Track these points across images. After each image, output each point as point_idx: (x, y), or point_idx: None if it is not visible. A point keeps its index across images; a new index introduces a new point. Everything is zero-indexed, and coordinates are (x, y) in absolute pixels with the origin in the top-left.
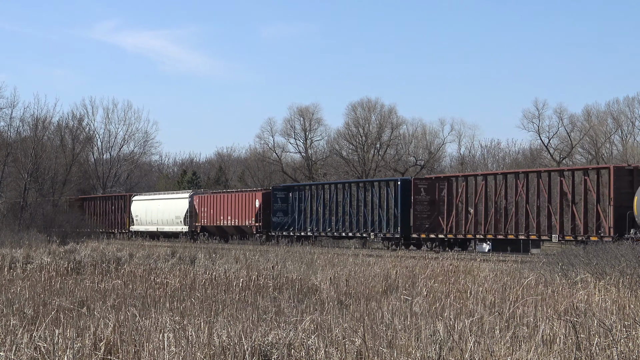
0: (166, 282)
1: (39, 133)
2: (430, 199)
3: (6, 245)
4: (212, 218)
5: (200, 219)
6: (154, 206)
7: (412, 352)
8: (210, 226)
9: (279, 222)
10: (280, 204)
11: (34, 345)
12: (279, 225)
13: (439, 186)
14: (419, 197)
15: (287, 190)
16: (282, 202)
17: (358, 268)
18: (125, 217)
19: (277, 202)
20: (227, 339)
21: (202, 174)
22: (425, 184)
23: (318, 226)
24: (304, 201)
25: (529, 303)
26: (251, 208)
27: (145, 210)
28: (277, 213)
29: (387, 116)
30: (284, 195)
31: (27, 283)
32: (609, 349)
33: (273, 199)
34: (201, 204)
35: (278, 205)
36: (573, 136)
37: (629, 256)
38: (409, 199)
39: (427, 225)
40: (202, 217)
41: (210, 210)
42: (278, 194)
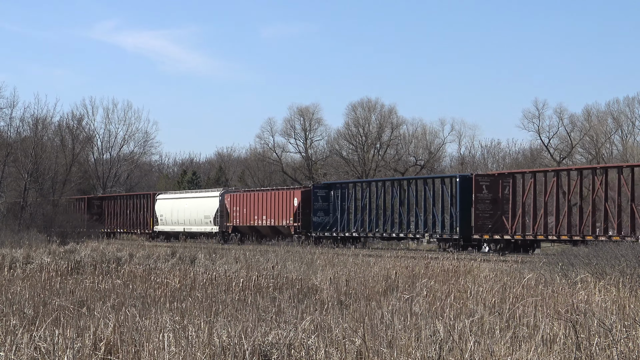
0: (166, 282)
1: (39, 133)
2: (492, 197)
3: (6, 245)
4: (245, 218)
5: (231, 218)
6: (181, 205)
7: (412, 352)
8: (243, 226)
9: (320, 222)
10: (321, 203)
11: (34, 345)
12: (320, 225)
13: (502, 183)
14: (480, 195)
15: (329, 188)
16: (323, 200)
17: (358, 268)
18: (148, 217)
19: (318, 200)
20: (227, 339)
21: (202, 174)
22: (488, 180)
23: (364, 226)
24: (347, 199)
25: (529, 303)
26: (289, 207)
27: (170, 209)
28: (318, 212)
29: (387, 116)
30: (325, 194)
31: (27, 283)
32: (609, 349)
33: (313, 198)
34: (233, 203)
35: (319, 204)
36: (573, 136)
37: (629, 256)
38: (468, 197)
39: (490, 225)
40: (234, 217)
41: (243, 210)
42: (319, 192)
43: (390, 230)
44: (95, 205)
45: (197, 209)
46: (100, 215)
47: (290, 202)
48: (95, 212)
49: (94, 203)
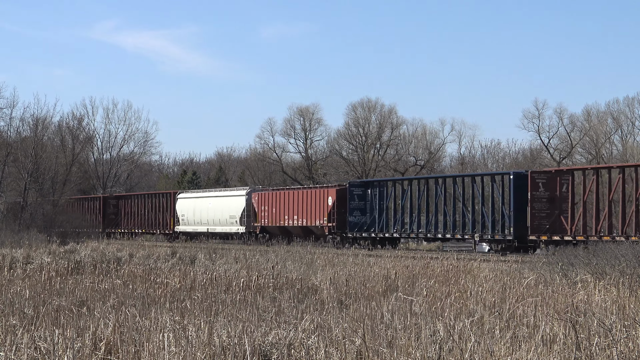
0: (166, 282)
1: (39, 133)
2: (549, 196)
3: (6, 245)
4: (275, 217)
5: (259, 218)
6: (204, 205)
7: (412, 352)
8: (272, 226)
9: (357, 222)
10: (358, 202)
11: (34, 345)
12: (357, 225)
13: (560, 180)
14: (537, 193)
15: (366, 186)
16: (359, 199)
17: (358, 268)
18: (167, 216)
19: (354, 199)
20: (227, 339)
21: (202, 174)
22: (544, 178)
23: (404, 227)
24: (385, 198)
25: (529, 303)
26: (323, 206)
27: (193, 209)
28: (354, 212)
29: (387, 116)
30: (362, 192)
31: (27, 283)
32: (609, 349)
33: (349, 196)
34: (261, 202)
35: (355, 203)
36: (573, 136)
37: (629, 256)
38: (523, 195)
39: (547, 225)
40: (262, 217)
41: (272, 209)
42: (355, 190)
43: (435, 231)
44: (112, 204)
45: (221, 209)
46: (117, 215)
47: (324, 201)
48: (112, 212)
49: (110, 202)
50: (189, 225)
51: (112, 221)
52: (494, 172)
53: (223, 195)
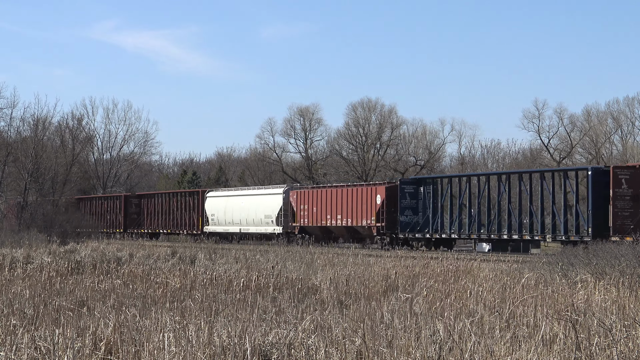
0: (166, 282)
1: (39, 133)
2: (633, 193)
3: (6, 245)
4: (316, 217)
5: (298, 218)
6: (237, 204)
7: (412, 352)
8: (313, 227)
9: (408, 222)
10: (409, 200)
11: (34, 345)
12: (409, 225)
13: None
14: (619, 190)
15: (418, 183)
16: (411, 197)
17: (358, 268)
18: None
19: (406, 197)
20: (227, 339)
21: (202, 174)
22: (627, 174)
23: (463, 227)
24: (441, 196)
25: (529, 303)
26: (371, 205)
27: (224, 208)
28: (406, 211)
29: (387, 116)
30: (414, 190)
31: (27, 283)
32: (609, 349)
33: (400, 194)
34: (300, 201)
35: (406, 201)
36: (573, 136)
37: (629, 256)
38: (603, 192)
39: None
40: (302, 216)
41: (313, 208)
42: (406, 187)
43: (499, 231)
44: (134, 203)
45: (256, 208)
46: (139, 214)
47: (372, 199)
48: (134, 212)
49: (132, 201)
50: (219, 226)
51: (134, 221)
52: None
53: (258, 193)
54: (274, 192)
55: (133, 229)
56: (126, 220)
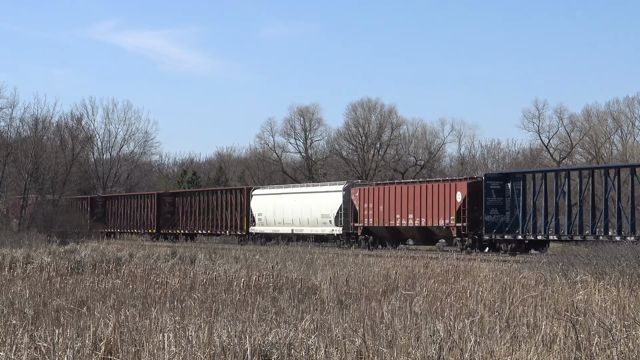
0: (166, 282)
1: (39, 133)
2: None
3: (6, 245)
4: (382, 217)
5: (361, 217)
6: (288, 202)
7: (412, 352)
8: (378, 227)
9: (494, 222)
10: (495, 198)
11: (34, 345)
12: (495, 226)
13: None
14: None
15: (504, 179)
16: (497, 195)
17: (358, 268)
18: (237, 215)
19: (491, 195)
20: (227, 339)
21: (202, 174)
22: None
23: (560, 228)
24: (533, 193)
25: (529, 303)
26: (450, 203)
27: (273, 207)
28: (491, 210)
29: (387, 116)
30: (500, 186)
31: (27, 283)
32: (609, 349)
33: (485, 191)
34: (363, 199)
35: (492, 199)
36: (573, 136)
37: (629, 256)
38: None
39: None
40: (366, 216)
41: (379, 207)
42: (492, 184)
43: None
44: (167, 202)
45: (311, 207)
46: (173, 214)
47: (451, 196)
48: (167, 211)
49: (165, 200)
50: (267, 226)
51: (168, 221)
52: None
53: (313, 191)
54: (333, 189)
55: (167, 229)
56: (159, 221)
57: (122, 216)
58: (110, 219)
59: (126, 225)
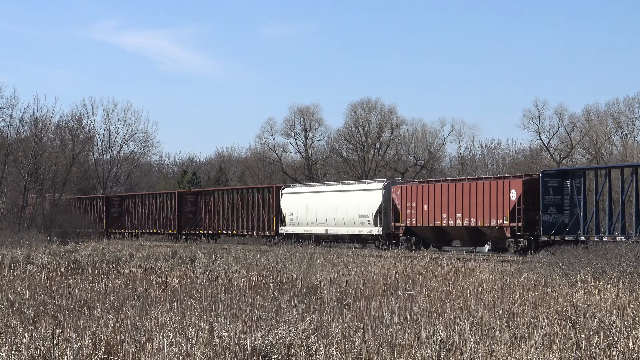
0: (166, 282)
1: (38, 133)
2: None
3: (6, 245)
4: (426, 216)
5: (403, 217)
6: (322, 201)
7: (412, 352)
8: (422, 227)
9: (553, 222)
10: (553, 196)
11: (34, 345)
12: (553, 226)
13: None
14: None
15: (563, 175)
16: (555, 193)
17: (358, 268)
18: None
19: (549, 192)
20: (227, 339)
21: (202, 174)
22: None
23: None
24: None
25: (529, 303)
26: (503, 202)
27: (305, 206)
28: (549, 209)
29: (387, 116)
30: (558, 184)
31: (27, 283)
32: (609, 349)
33: (543, 189)
34: (406, 197)
35: (550, 197)
36: (573, 136)
37: (629, 256)
38: None
39: None
40: (408, 215)
41: (423, 206)
42: (550, 181)
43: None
44: (189, 201)
45: (347, 206)
46: (195, 214)
47: (504, 195)
48: (189, 210)
49: (187, 199)
50: (299, 226)
51: (189, 221)
52: None
53: (350, 189)
54: (372, 187)
55: (189, 230)
56: (180, 221)
57: (140, 216)
58: (127, 219)
59: (144, 226)
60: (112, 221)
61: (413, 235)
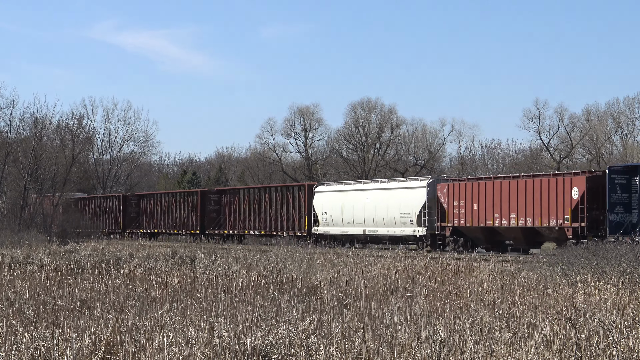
0: (166, 282)
1: (38, 133)
2: None
3: (6, 245)
4: (476, 216)
5: (450, 217)
6: (359, 200)
7: (412, 352)
8: (472, 228)
9: (620, 222)
10: (620, 194)
11: (34, 345)
12: (620, 226)
13: None
14: None
15: (631, 172)
16: (622, 190)
17: (358, 268)
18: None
19: (616, 190)
20: (227, 339)
21: (202, 174)
22: None
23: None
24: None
25: (529, 303)
26: (563, 200)
27: (341, 205)
28: (616, 208)
29: (387, 116)
30: (625, 181)
31: (27, 283)
32: (609, 349)
33: (609, 187)
34: (453, 196)
35: (617, 195)
36: (573, 136)
37: (629, 256)
38: None
39: None
40: (456, 215)
41: (473, 205)
42: (617, 178)
43: None
44: (212, 200)
45: (387, 205)
46: (219, 213)
47: (564, 193)
48: (212, 210)
49: (210, 198)
50: (334, 226)
51: (213, 221)
52: None
53: (391, 187)
54: (414, 185)
55: (212, 230)
56: (203, 221)
57: (160, 215)
58: (145, 219)
59: (164, 226)
60: (130, 221)
61: (461, 236)
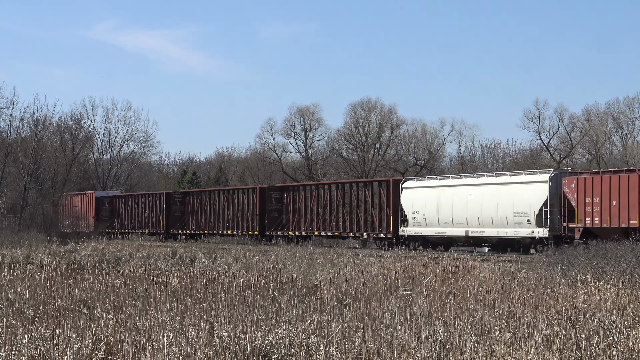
0: (166, 282)
1: (38, 133)
2: None
3: (6, 245)
4: (616, 215)
5: (581, 216)
6: (461, 196)
7: (412, 352)
8: (610, 228)
9: None
10: None
11: (34, 345)
12: None
13: None
14: None
15: None
16: None
17: (358, 268)
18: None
19: None
20: (227, 339)
21: (202, 174)
22: None
23: None
24: None
25: (529, 303)
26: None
27: (437, 203)
28: None
29: (387, 116)
30: None
31: (27, 283)
32: (609, 349)
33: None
34: (584, 192)
35: None
36: (573, 136)
37: (629, 256)
38: None
39: None
40: (588, 214)
41: (612, 202)
42: None
43: None
44: (273, 198)
45: (497, 202)
46: (281, 212)
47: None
48: (274, 209)
49: (271, 195)
50: (427, 227)
51: (274, 221)
52: None
53: (501, 182)
54: (533, 179)
55: (274, 231)
56: (263, 220)
57: (209, 215)
58: (191, 218)
59: (215, 226)
60: (174, 221)
61: (594, 238)
